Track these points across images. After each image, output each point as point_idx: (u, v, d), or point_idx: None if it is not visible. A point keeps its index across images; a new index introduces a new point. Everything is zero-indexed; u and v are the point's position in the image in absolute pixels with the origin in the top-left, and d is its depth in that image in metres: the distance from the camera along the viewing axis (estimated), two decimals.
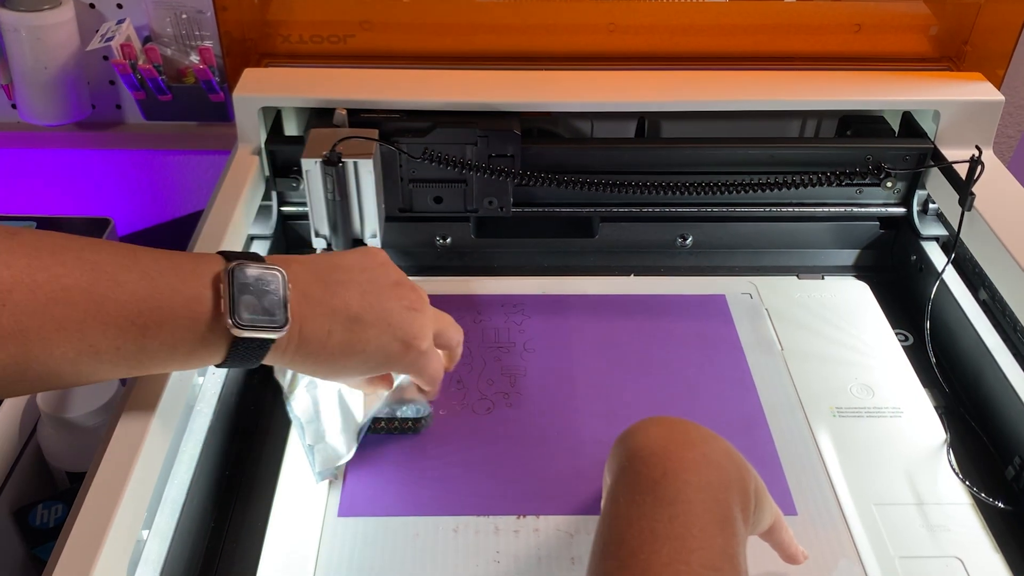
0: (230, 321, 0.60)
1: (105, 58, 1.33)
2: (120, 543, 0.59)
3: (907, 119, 1.02)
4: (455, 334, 0.79)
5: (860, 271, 1.04)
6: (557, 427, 0.80)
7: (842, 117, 1.05)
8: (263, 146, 0.97)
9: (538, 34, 1.05)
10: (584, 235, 1.04)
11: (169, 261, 0.60)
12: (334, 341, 0.67)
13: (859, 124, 1.03)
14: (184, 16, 1.26)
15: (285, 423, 0.80)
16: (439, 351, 0.78)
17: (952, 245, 0.93)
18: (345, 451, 0.76)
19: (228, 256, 0.63)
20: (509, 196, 0.98)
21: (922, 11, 1.05)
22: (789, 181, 0.91)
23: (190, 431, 0.76)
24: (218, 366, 0.63)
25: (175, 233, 1.56)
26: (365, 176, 0.89)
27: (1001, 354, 0.84)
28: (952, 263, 0.93)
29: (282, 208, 1.01)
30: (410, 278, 0.95)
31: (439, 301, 0.92)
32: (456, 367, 0.84)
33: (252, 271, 0.62)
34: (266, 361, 0.65)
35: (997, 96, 0.97)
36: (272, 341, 0.63)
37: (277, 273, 0.63)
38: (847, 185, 1.00)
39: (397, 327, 0.71)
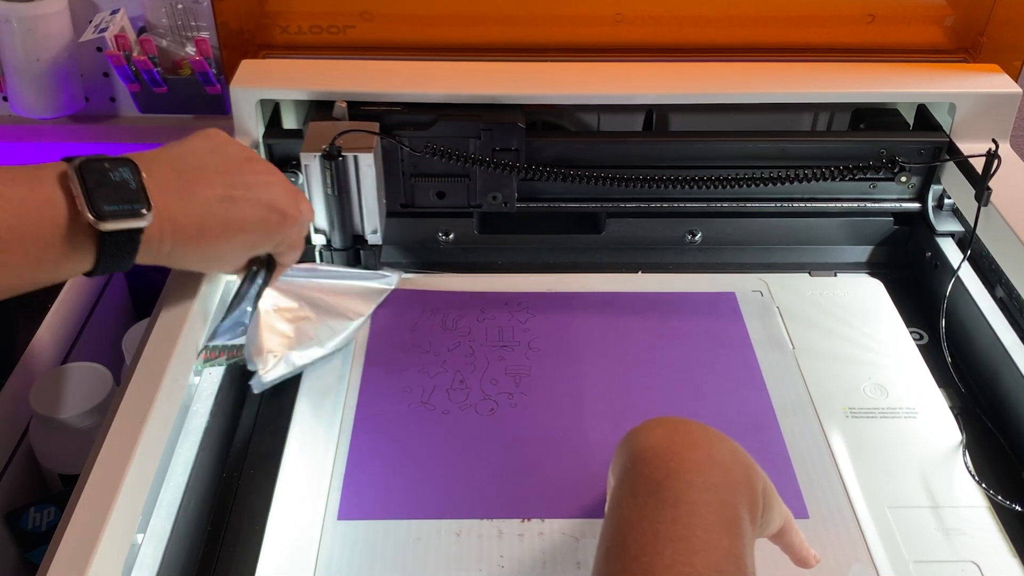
0: (91, 216, 0.59)
1: (99, 49, 1.32)
2: (114, 547, 0.59)
3: (922, 112, 1.02)
4: (309, 206, 0.80)
5: (874, 268, 1.04)
6: (563, 428, 0.80)
7: (855, 110, 1.05)
8: (261, 140, 0.97)
9: (543, 25, 1.05)
10: (590, 231, 1.04)
11: (9, 174, 0.58)
12: (211, 223, 0.67)
13: (872, 117, 1.03)
14: (180, 6, 1.26)
15: (284, 424, 0.80)
16: None
17: (968, 241, 0.93)
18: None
19: (70, 159, 0.61)
20: (513, 191, 0.98)
21: (937, 1, 1.05)
22: (801, 175, 0.91)
23: (186, 432, 0.76)
24: (89, 274, 0.62)
25: None
26: (366, 170, 0.89)
27: (1018, 353, 0.84)
28: (968, 260, 0.93)
29: None
30: (414, 274, 0.96)
31: (442, 298, 0.92)
32: (459, 366, 0.84)
33: (100, 165, 0.61)
34: (142, 260, 0.63)
35: (1014, 88, 0.97)
36: (140, 232, 0.61)
37: (127, 163, 0.62)
38: (860, 180, 1.00)
39: (269, 199, 0.71)
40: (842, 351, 0.88)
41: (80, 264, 0.61)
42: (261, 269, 0.77)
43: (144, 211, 0.61)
